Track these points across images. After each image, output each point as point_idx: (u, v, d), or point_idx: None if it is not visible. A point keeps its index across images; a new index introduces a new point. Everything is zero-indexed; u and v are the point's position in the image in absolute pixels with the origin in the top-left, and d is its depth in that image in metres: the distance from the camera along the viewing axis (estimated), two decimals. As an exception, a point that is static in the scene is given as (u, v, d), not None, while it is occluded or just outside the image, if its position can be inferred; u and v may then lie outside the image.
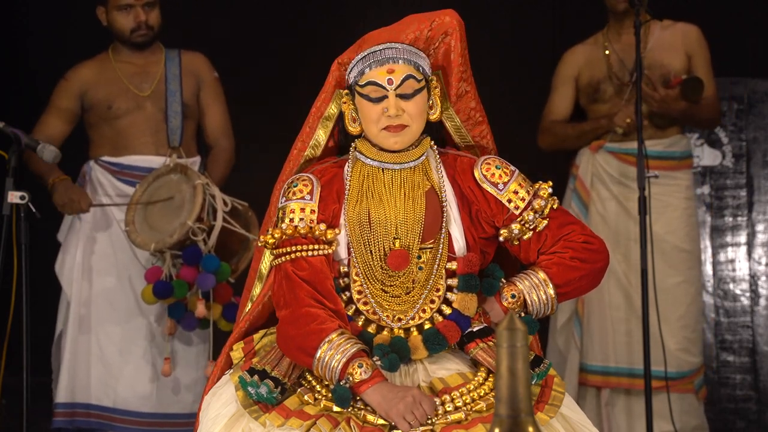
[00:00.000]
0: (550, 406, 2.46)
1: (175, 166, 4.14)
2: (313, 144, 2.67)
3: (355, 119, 2.58)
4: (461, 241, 2.54)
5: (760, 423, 5.25)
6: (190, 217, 3.98)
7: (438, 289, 2.52)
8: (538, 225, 2.56)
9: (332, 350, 2.38)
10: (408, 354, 2.47)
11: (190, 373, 4.24)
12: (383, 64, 2.52)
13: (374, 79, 2.51)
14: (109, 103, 4.27)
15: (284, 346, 2.48)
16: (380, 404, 2.36)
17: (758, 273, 5.38)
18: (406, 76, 2.51)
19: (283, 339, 2.47)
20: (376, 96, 2.52)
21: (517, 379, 1.62)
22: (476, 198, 2.57)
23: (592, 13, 4.68)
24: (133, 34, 4.26)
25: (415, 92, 2.52)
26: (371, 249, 2.51)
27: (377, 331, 2.50)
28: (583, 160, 4.50)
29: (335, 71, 2.62)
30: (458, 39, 2.59)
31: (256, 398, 2.41)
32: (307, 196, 2.53)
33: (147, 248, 4.03)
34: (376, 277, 2.51)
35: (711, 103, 4.44)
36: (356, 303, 2.51)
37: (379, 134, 2.53)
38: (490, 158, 2.60)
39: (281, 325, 2.48)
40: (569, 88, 4.55)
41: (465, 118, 2.67)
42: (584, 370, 4.44)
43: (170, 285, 4.00)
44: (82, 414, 4.17)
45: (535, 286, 2.53)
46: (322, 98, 2.65)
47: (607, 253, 2.61)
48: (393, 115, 2.50)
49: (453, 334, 2.49)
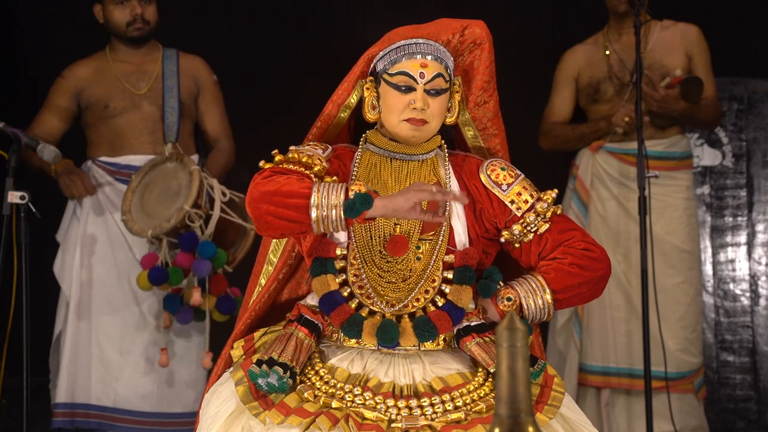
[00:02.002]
0: (550, 407, 2.46)
1: (170, 155, 4.14)
2: (330, 131, 2.70)
3: (375, 107, 2.60)
4: (463, 236, 2.56)
5: (760, 423, 5.25)
6: (188, 202, 3.98)
7: (434, 280, 2.53)
8: (540, 228, 2.58)
9: (325, 185, 2.38)
10: (397, 336, 2.47)
11: (191, 371, 4.24)
12: (419, 56, 2.56)
13: (407, 70, 2.55)
14: (106, 101, 4.28)
15: (265, 200, 2.40)
16: (385, 205, 2.36)
17: (758, 273, 5.38)
18: (437, 74, 2.55)
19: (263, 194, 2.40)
20: (406, 86, 2.54)
21: (517, 379, 1.62)
22: (481, 197, 2.59)
23: (591, 13, 4.69)
24: (129, 28, 4.27)
25: (441, 91, 2.57)
26: (371, 233, 2.53)
27: (369, 315, 2.50)
28: (583, 161, 4.50)
29: (362, 63, 2.64)
30: (487, 51, 2.63)
31: (267, 389, 2.41)
32: (320, 150, 2.56)
33: (144, 235, 4.02)
34: (374, 262, 2.52)
35: (711, 103, 4.44)
36: (351, 286, 2.52)
37: (399, 124, 2.56)
38: (497, 161, 2.64)
39: (255, 184, 2.43)
40: (569, 89, 4.55)
41: (482, 128, 2.71)
42: (584, 371, 4.44)
43: (165, 271, 4.00)
44: (81, 414, 4.17)
45: (532, 291, 2.54)
46: (344, 87, 2.67)
47: (608, 262, 2.61)
48: (419, 108, 2.53)
49: (444, 324, 2.49)
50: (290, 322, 2.55)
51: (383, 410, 2.38)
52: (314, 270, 2.54)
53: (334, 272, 2.52)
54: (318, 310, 2.54)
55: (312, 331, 2.50)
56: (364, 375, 2.46)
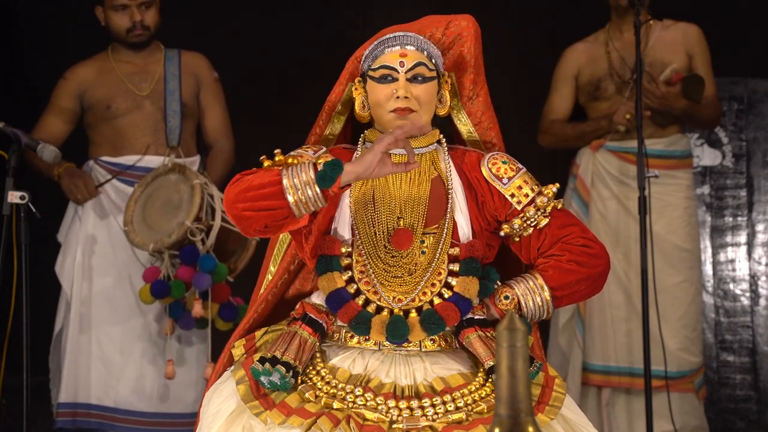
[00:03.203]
0: (551, 408, 2.45)
1: (173, 166, 4.15)
2: (327, 137, 2.70)
3: (365, 106, 2.61)
4: (467, 229, 2.56)
5: (760, 423, 5.25)
6: (189, 218, 3.99)
7: (440, 273, 2.53)
8: (539, 222, 2.57)
9: (293, 167, 2.39)
10: (407, 333, 2.47)
11: (191, 372, 4.24)
12: (396, 47, 2.56)
13: (386, 63, 2.55)
14: (108, 102, 4.28)
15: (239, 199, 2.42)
16: (355, 167, 2.37)
17: (758, 273, 5.38)
18: (418, 62, 2.55)
19: (236, 194, 2.42)
20: (387, 76, 2.55)
21: (517, 379, 1.62)
22: (482, 190, 2.59)
23: (591, 12, 4.68)
24: (129, 34, 4.26)
25: (425, 79, 2.55)
26: (375, 229, 2.53)
27: (376, 311, 2.50)
28: (583, 160, 4.50)
29: (350, 66, 2.65)
30: (472, 44, 2.62)
31: (269, 387, 2.41)
32: (311, 152, 2.56)
33: (145, 248, 4.03)
34: (379, 257, 2.52)
35: (711, 102, 4.44)
36: (358, 283, 2.52)
37: (387, 117, 2.55)
38: (498, 154, 2.63)
39: (227, 190, 2.46)
40: (569, 86, 4.55)
41: (476, 122, 2.70)
42: (586, 369, 4.44)
43: (167, 285, 4.00)
44: (83, 414, 4.17)
45: (530, 289, 2.54)
46: (336, 92, 2.68)
47: (607, 258, 2.60)
48: (401, 97, 2.53)
49: (451, 314, 2.49)
50: (294, 320, 2.55)
51: (384, 411, 2.38)
52: (320, 268, 2.53)
53: (339, 269, 2.52)
54: (323, 309, 2.54)
55: (316, 331, 2.50)
56: (365, 376, 2.46)
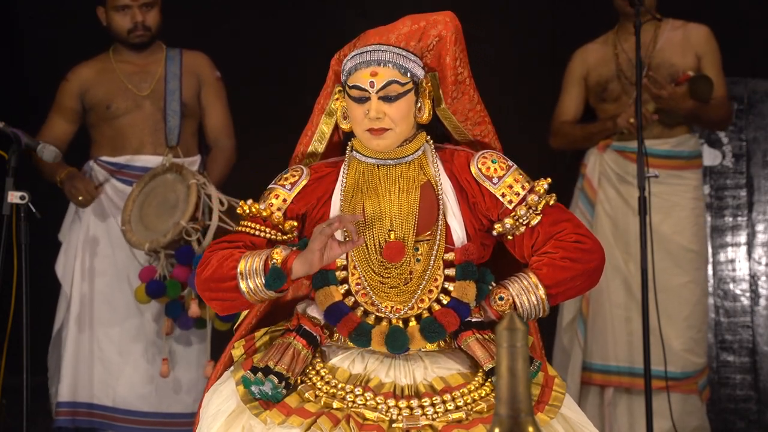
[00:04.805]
0: (551, 407, 2.45)
1: (170, 166, 4.15)
2: (318, 138, 2.69)
3: (347, 117, 2.60)
4: (460, 232, 2.55)
5: (760, 423, 5.25)
6: (184, 217, 3.99)
7: (436, 280, 2.52)
8: (531, 220, 2.56)
9: (251, 258, 2.46)
10: (407, 343, 2.47)
11: (191, 372, 4.24)
12: (368, 66, 2.53)
13: (358, 83, 2.53)
14: (108, 102, 4.28)
15: (205, 288, 2.54)
16: (301, 266, 2.42)
17: (758, 273, 5.38)
18: (389, 81, 2.51)
19: (202, 283, 2.54)
20: (360, 97, 2.53)
21: (517, 379, 1.62)
22: (473, 191, 2.57)
23: (591, 13, 4.68)
24: (131, 35, 4.27)
25: (398, 96, 2.52)
26: (367, 243, 2.52)
27: (376, 322, 2.50)
28: (591, 160, 4.51)
29: (334, 65, 2.64)
30: (452, 41, 2.58)
31: (260, 397, 2.41)
32: (288, 186, 2.58)
33: (141, 248, 4.04)
34: (373, 270, 2.52)
35: (721, 103, 4.42)
36: (355, 295, 2.52)
37: (363, 135, 2.55)
38: (488, 152, 2.60)
39: (196, 272, 2.56)
40: (579, 88, 4.55)
41: (462, 119, 2.67)
42: (589, 369, 4.44)
43: (163, 284, 4.01)
44: (83, 413, 4.18)
45: (524, 288, 2.53)
46: (325, 94, 2.67)
47: (601, 252, 2.59)
48: (373, 118, 2.51)
49: (451, 320, 2.49)
50: (289, 332, 2.54)
51: (384, 410, 2.38)
52: (316, 283, 2.53)
53: (336, 283, 2.52)
54: (318, 322, 2.54)
55: (310, 343, 2.50)
56: (365, 375, 2.46)
